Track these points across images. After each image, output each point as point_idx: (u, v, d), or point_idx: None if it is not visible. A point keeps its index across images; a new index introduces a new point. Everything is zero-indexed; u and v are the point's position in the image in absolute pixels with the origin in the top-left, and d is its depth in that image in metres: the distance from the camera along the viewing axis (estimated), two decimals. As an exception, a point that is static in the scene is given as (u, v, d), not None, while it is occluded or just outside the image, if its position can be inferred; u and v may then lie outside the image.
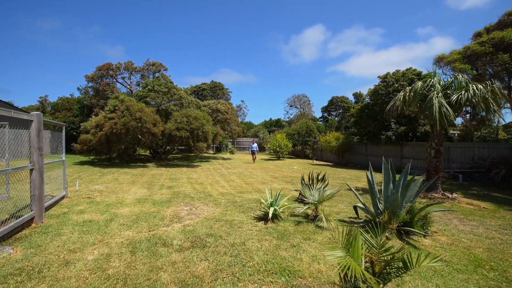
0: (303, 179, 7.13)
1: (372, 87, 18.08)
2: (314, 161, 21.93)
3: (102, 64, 20.90)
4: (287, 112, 49.68)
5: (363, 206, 5.55)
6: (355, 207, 5.70)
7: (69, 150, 19.32)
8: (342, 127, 38.23)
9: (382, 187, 5.37)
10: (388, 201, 4.89)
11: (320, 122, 44.51)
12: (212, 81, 33.82)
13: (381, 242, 2.47)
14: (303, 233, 4.33)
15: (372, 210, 5.32)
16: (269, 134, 33.22)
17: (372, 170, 5.38)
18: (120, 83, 22.24)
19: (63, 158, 5.99)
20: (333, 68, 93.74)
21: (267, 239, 3.98)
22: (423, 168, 14.84)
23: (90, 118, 15.61)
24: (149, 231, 4.18)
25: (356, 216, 5.64)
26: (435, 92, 7.59)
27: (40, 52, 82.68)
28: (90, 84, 21.26)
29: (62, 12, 79.60)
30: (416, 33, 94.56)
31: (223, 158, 21.94)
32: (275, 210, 4.86)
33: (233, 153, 27.20)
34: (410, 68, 17.20)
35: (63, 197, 6.03)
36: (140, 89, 17.28)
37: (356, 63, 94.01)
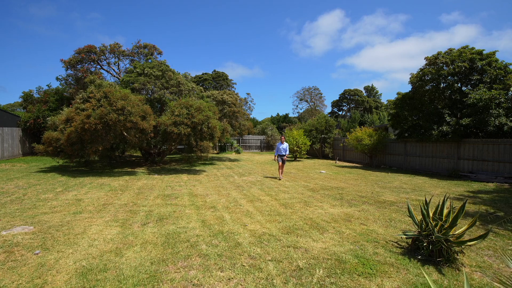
0: (425, 212, 3.67)
1: (415, 72, 14.58)
2: (337, 162, 18.49)
3: (83, 46, 17.20)
4: (297, 106, 45.88)
5: None
6: None
7: (31, 152, 15.57)
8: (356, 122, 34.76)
9: None
10: None
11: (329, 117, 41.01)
12: (215, 70, 29.92)
13: None
14: None
15: None
16: (278, 131, 29.76)
17: None
18: (106, 70, 18.48)
19: None
20: (343, 62, 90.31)
21: None
22: (494, 173, 11.45)
23: (61, 111, 12.00)
24: None
25: None
26: None
27: (33, 45, 78.62)
28: (70, 71, 17.55)
29: None
30: (439, 21, 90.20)
31: (230, 159, 18.40)
32: None
33: (239, 153, 23.66)
34: (467, 46, 13.73)
35: None
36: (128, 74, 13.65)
37: (368, 55, 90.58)
